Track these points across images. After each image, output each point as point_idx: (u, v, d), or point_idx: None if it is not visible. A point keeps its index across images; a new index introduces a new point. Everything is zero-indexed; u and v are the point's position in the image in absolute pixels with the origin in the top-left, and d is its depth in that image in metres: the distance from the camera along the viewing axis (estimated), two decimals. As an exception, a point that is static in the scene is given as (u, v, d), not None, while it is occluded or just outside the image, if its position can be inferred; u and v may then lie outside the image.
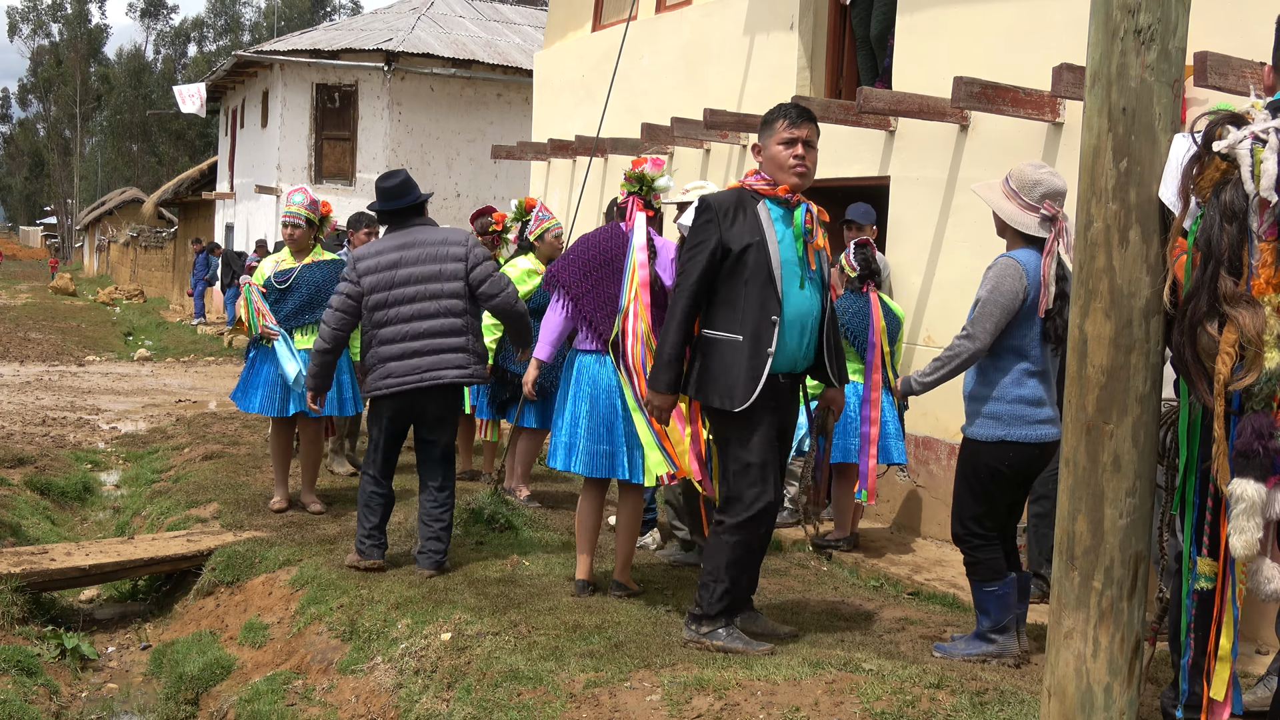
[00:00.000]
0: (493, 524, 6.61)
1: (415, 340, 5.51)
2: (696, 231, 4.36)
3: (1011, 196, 4.36)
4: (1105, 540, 2.83)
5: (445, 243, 5.62)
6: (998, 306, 4.23)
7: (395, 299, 5.53)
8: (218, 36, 76.02)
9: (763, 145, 4.44)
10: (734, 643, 4.40)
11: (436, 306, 5.54)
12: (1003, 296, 4.23)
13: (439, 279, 5.55)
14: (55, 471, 9.09)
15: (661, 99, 9.96)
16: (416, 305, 5.54)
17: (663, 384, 4.42)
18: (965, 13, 7.12)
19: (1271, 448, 2.66)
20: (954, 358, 4.33)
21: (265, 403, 6.92)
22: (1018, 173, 4.39)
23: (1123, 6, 2.78)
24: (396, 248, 5.58)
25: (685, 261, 4.36)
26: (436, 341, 5.53)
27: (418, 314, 5.54)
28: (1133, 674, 2.86)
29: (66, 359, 18.30)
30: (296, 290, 6.92)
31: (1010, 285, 4.23)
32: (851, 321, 6.38)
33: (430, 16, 23.15)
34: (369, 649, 4.89)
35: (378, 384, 5.57)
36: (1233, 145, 2.71)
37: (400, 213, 5.69)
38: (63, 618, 6.18)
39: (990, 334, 4.25)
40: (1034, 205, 4.30)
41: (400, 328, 5.52)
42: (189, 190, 31.77)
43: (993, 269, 4.30)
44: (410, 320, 5.53)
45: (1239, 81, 4.99)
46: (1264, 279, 2.66)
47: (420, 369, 5.50)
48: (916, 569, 6.37)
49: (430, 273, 5.55)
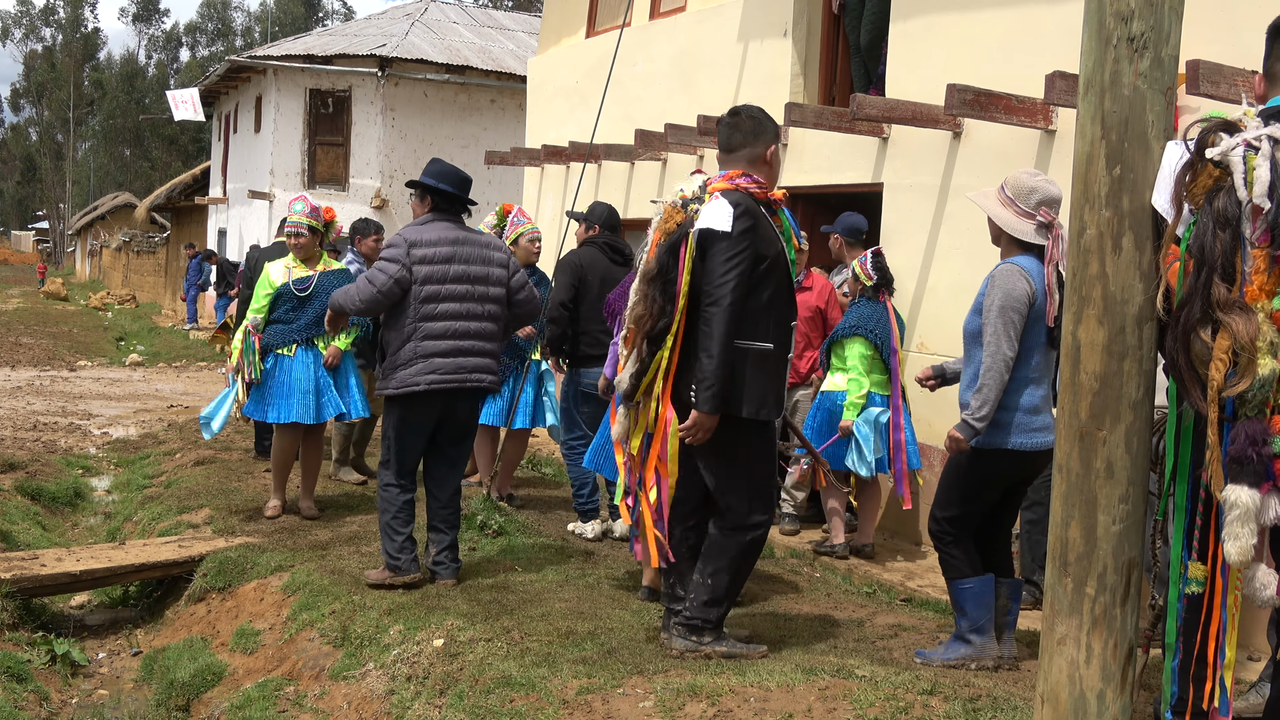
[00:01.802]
0: (485, 530, 6.60)
1: (462, 340, 5.43)
2: (738, 240, 4.16)
3: (1007, 204, 4.36)
4: (1098, 546, 2.83)
5: (491, 246, 5.60)
6: (1015, 313, 4.21)
7: (448, 294, 5.41)
8: (210, 42, 75.99)
9: (761, 150, 4.38)
10: (735, 647, 4.40)
11: (483, 309, 5.51)
12: (1016, 301, 4.21)
13: (487, 281, 5.52)
14: (46, 477, 9.06)
15: (655, 105, 9.97)
16: (467, 305, 5.46)
17: (718, 405, 4.16)
18: (958, 20, 7.14)
19: (1265, 454, 2.66)
20: (993, 379, 4.23)
21: (300, 411, 6.88)
22: (1013, 180, 4.39)
23: (1116, 14, 2.79)
24: (451, 241, 5.45)
25: (727, 272, 4.13)
26: (479, 344, 5.48)
27: (468, 313, 5.46)
28: (1125, 680, 2.86)
29: (58, 364, 18.26)
30: (317, 298, 6.89)
31: (1020, 289, 4.22)
32: (878, 328, 6.41)
33: (424, 22, 23.16)
34: (361, 655, 4.88)
35: (418, 378, 5.33)
36: (1226, 152, 2.72)
37: (459, 202, 5.60)
38: (53, 623, 6.15)
39: (1016, 340, 4.22)
40: (1030, 212, 4.31)
41: (450, 324, 5.40)
42: (182, 195, 31.71)
43: (996, 277, 4.28)
44: (459, 319, 5.43)
45: (1230, 89, 5.01)
46: (1257, 285, 2.66)
47: (465, 369, 5.42)
48: (909, 575, 6.37)
49: (481, 274, 5.50)
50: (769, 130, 4.41)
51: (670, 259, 4.23)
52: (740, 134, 4.40)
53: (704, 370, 4.14)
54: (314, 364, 6.95)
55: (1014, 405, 4.27)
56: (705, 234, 4.18)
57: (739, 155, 4.38)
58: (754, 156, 4.38)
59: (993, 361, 4.22)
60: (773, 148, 4.41)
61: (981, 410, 4.24)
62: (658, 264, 4.25)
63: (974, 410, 4.26)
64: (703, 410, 4.15)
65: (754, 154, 4.38)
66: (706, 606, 4.37)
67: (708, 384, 4.13)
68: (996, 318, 4.22)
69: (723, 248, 4.15)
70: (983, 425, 4.26)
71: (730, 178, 4.32)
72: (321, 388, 6.95)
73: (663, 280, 4.23)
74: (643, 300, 4.26)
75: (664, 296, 4.22)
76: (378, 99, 21.19)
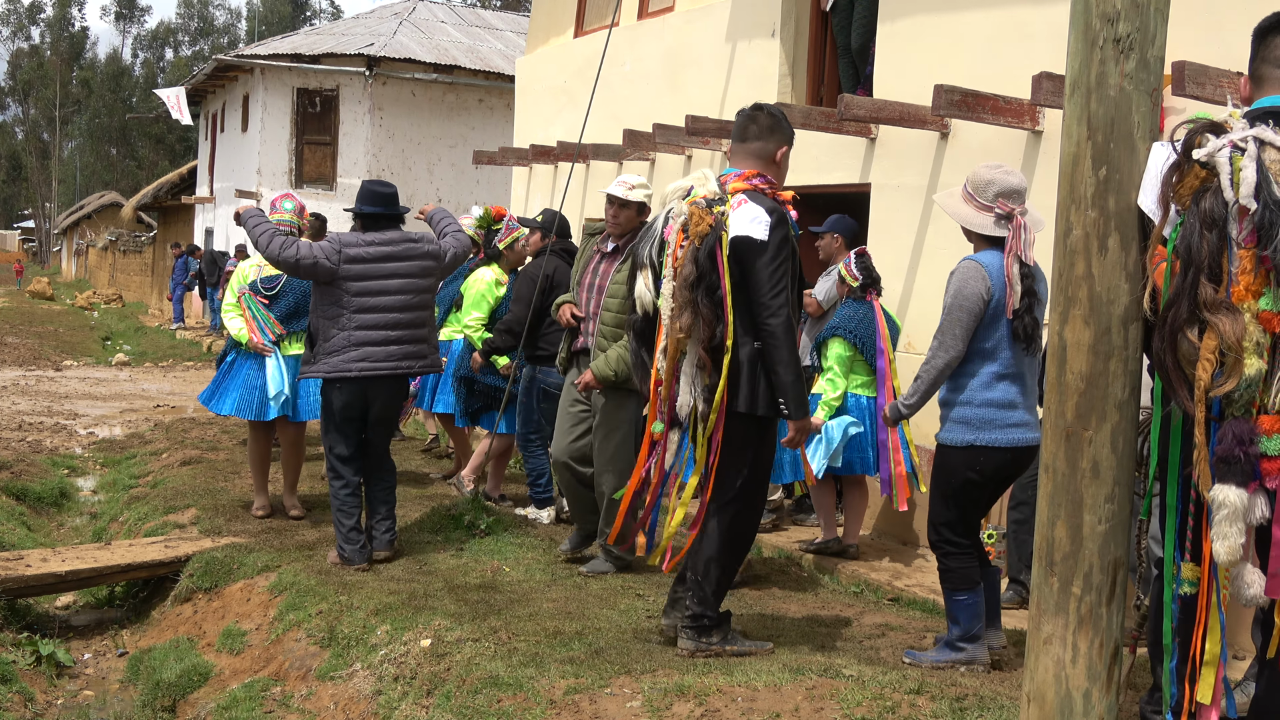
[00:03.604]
0: (472, 530, 6.59)
1: (393, 330, 5.93)
2: (778, 249, 4.19)
3: (967, 199, 4.36)
4: (1084, 546, 2.84)
5: (422, 241, 6.13)
6: (964, 311, 4.21)
7: (380, 289, 5.91)
8: (193, 41, 75.73)
9: (774, 148, 4.40)
10: (747, 645, 4.43)
11: (416, 300, 6.03)
12: (967, 300, 4.21)
13: (421, 274, 6.05)
14: (31, 477, 9.02)
15: (643, 105, 9.97)
16: (400, 298, 5.95)
17: (806, 409, 4.32)
18: (946, 21, 7.15)
19: (1251, 453, 2.67)
20: (929, 371, 4.30)
21: (242, 405, 6.90)
22: (973, 174, 4.38)
23: (1102, 16, 2.80)
24: (385, 242, 5.99)
25: (778, 283, 4.17)
26: (411, 333, 6.00)
27: (401, 305, 5.96)
28: (1111, 679, 2.87)
29: (43, 364, 18.17)
30: (284, 297, 6.93)
31: (973, 288, 4.21)
32: (859, 330, 6.40)
33: (412, 21, 23.14)
34: (348, 655, 4.87)
35: (350, 365, 5.83)
36: (1212, 153, 2.73)
37: (385, 218, 6.07)
38: (38, 624, 6.13)
39: (961, 339, 4.22)
40: (988, 205, 4.29)
41: (383, 316, 5.91)
42: (168, 194, 31.62)
43: (954, 274, 4.28)
44: (392, 311, 5.94)
45: (1216, 91, 5.02)
46: (1243, 285, 2.67)
47: (394, 356, 5.93)
48: (897, 575, 6.38)
49: (415, 269, 6.02)
50: (784, 132, 4.44)
51: (710, 265, 4.17)
52: (756, 127, 4.42)
53: (783, 381, 4.21)
54: (272, 363, 6.89)
55: (984, 401, 4.25)
56: (743, 242, 4.18)
57: (751, 149, 4.40)
58: (765, 153, 4.40)
59: (931, 358, 4.28)
60: (784, 149, 4.44)
61: (911, 399, 4.41)
62: (698, 269, 4.16)
63: (906, 396, 4.43)
64: (799, 418, 4.28)
65: (766, 150, 4.40)
66: (704, 602, 4.37)
67: (794, 393, 4.23)
68: (945, 316, 4.26)
69: (766, 259, 4.18)
70: (910, 412, 4.46)
71: (746, 177, 4.34)
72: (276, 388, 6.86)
73: (706, 287, 4.16)
74: (689, 308, 4.16)
75: (711, 303, 4.16)
76: (365, 98, 21.15)
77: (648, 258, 4.36)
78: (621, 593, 5.42)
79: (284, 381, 6.86)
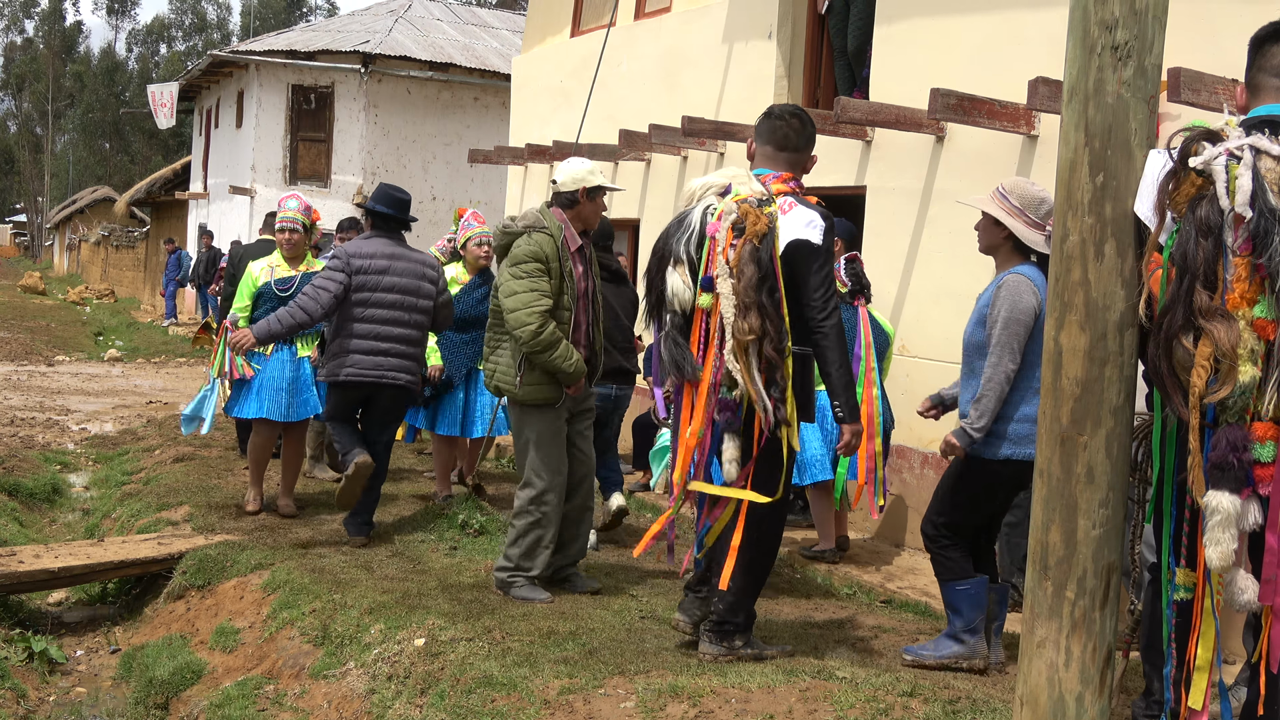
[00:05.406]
0: (466, 529, 6.60)
1: (383, 341, 6.23)
2: (827, 253, 4.17)
3: (1016, 214, 4.35)
4: (1078, 551, 2.85)
5: (424, 264, 6.43)
6: (1020, 325, 4.22)
7: (376, 301, 6.24)
8: (187, 36, 75.54)
9: (805, 159, 4.41)
10: (768, 649, 4.43)
11: (408, 318, 6.32)
12: (1023, 314, 4.22)
13: (417, 294, 6.34)
14: (24, 473, 8.99)
15: (639, 105, 9.98)
16: (394, 312, 6.26)
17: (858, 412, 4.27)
18: (942, 25, 7.17)
19: (1245, 460, 2.69)
20: (994, 389, 4.24)
21: (271, 408, 6.89)
22: (1018, 190, 4.38)
23: (1100, 23, 2.81)
24: (387, 255, 6.30)
25: (830, 281, 4.16)
26: (399, 347, 6.28)
27: (394, 320, 6.27)
28: (1104, 684, 2.88)
29: (35, 359, 18.13)
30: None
31: (1027, 302, 4.23)
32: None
33: (408, 19, 23.10)
34: (341, 654, 4.87)
35: (339, 370, 6.24)
36: (1208, 161, 2.74)
37: (397, 221, 6.43)
38: (31, 620, 6.12)
39: (1019, 352, 4.22)
40: (1040, 222, 4.31)
41: (374, 327, 6.23)
42: (162, 190, 31.51)
43: (1004, 288, 4.28)
44: (385, 323, 6.25)
45: (1212, 98, 5.05)
46: (1238, 293, 2.69)
47: (382, 367, 6.24)
48: (890, 577, 6.40)
49: (412, 286, 6.32)
50: (814, 144, 4.47)
51: (771, 266, 4.07)
52: (798, 137, 4.38)
53: (837, 384, 4.19)
54: (291, 363, 6.96)
55: (1017, 416, 4.26)
56: (801, 245, 4.12)
57: (785, 157, 4.36)
58: (798, 163, 4.39)
59: (994, 373, 4.24)
60: (812, 154, 4.46)
61: (980, 421, 4.26)
62: (760, 270, 4.05)
63: (973, 420, 4.28)
64: (853, 421, 4.24)
65: (799, 161, 4.39)
66: (731, 609, 4.32)
67: (846, 396, 4.20)
68: (1001, 330, 4.24)
69: (819, 263, 4.15)
70: (980, 435, 4.27)
71: (785, 179, 4.30)
72: (301, 387, 6.98)
73: (768, 288, 4.06)
74: (755, 310, 4.04)
75: (773, 305, 4.07)
76: (360, 95, 21.12)
77: (685, 253, 4.20)
78: (615, 593, 5.43)
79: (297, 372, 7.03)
